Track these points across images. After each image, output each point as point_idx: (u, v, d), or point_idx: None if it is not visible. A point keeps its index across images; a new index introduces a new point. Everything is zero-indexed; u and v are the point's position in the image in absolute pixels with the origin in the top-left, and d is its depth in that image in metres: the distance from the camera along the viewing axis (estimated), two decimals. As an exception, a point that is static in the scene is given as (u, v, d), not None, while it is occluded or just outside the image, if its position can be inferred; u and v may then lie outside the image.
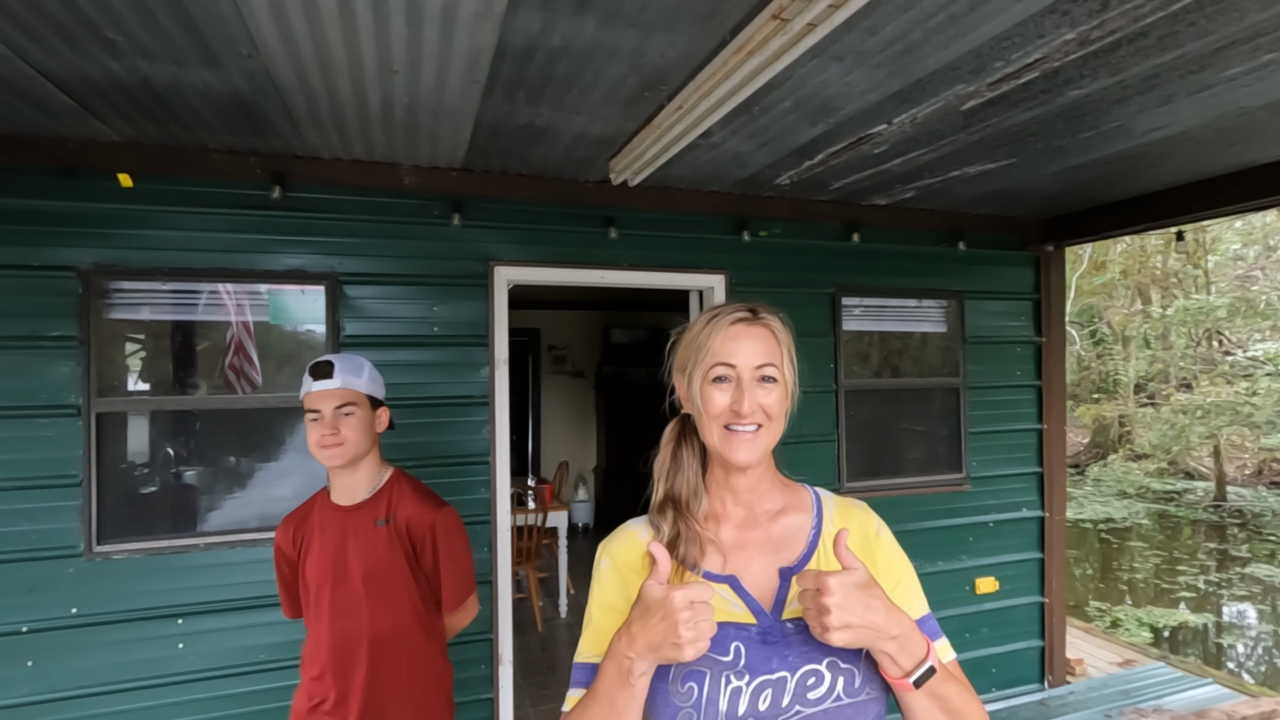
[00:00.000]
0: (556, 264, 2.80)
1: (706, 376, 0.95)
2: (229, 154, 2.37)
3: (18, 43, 1.59)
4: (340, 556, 1.63)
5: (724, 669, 0.87)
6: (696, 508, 0.99)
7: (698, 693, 0.87)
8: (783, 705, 0.86)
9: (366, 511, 1.66)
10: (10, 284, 2.21)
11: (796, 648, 0.88)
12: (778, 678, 0.87)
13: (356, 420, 1.61)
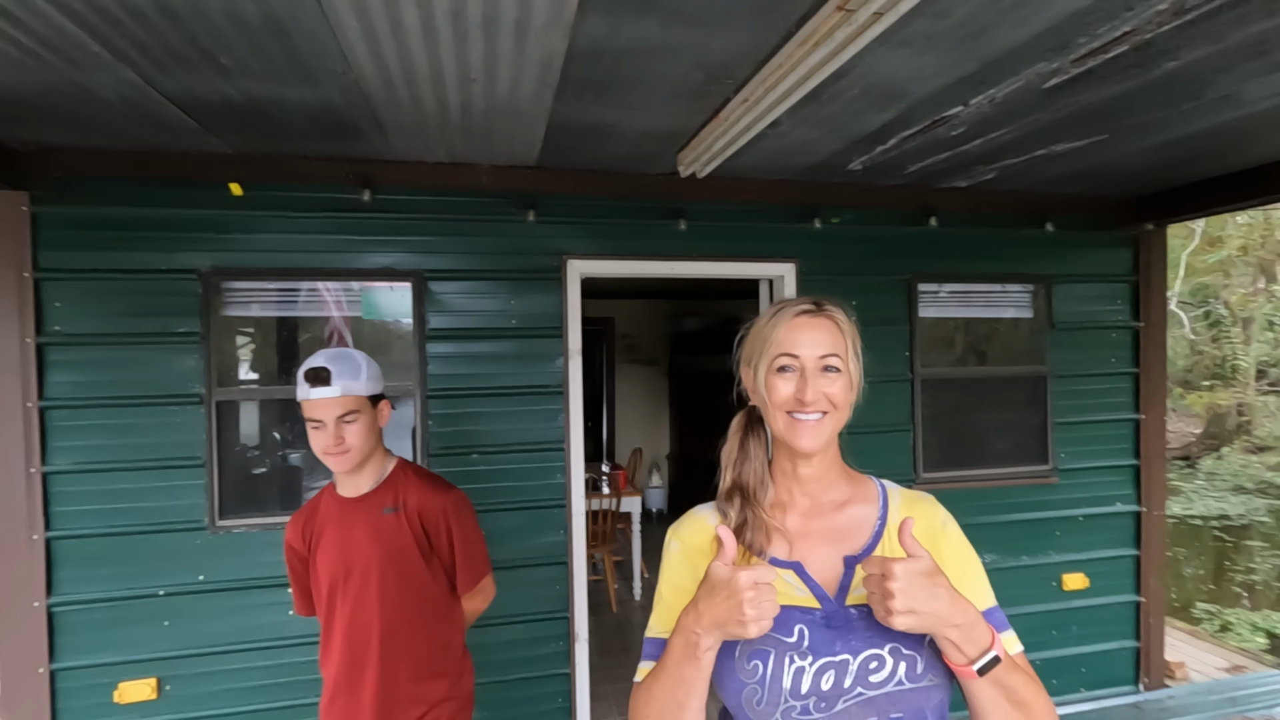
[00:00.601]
0: (626, 256, 2.87)
1: (771, 366, 0.99)
2: (324, 161, 2.56)
3: (147, 72, 1.79)
4: (350, 548, 1.61)
5: (788, 649, 0.91)
6: (763, 496, 1.04)
7: (762, 670, 0.92)
8: (845, 686, 0.90)
9: (374, 501, 1.64)
10: (143, 286, 2.47)
11: (859, 632, 0.91)
12: (840, 660, 0.90)
13: (360, 426, 1.58)
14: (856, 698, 0.89)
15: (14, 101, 1.95)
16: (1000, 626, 0.97)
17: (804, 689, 0.90)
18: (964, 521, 1.05)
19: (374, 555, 1.59)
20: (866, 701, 0.89)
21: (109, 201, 2.44)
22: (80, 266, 2.43)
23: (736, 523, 1.01)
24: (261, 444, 2.70)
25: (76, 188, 2.42)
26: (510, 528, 2.76)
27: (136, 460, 2.47)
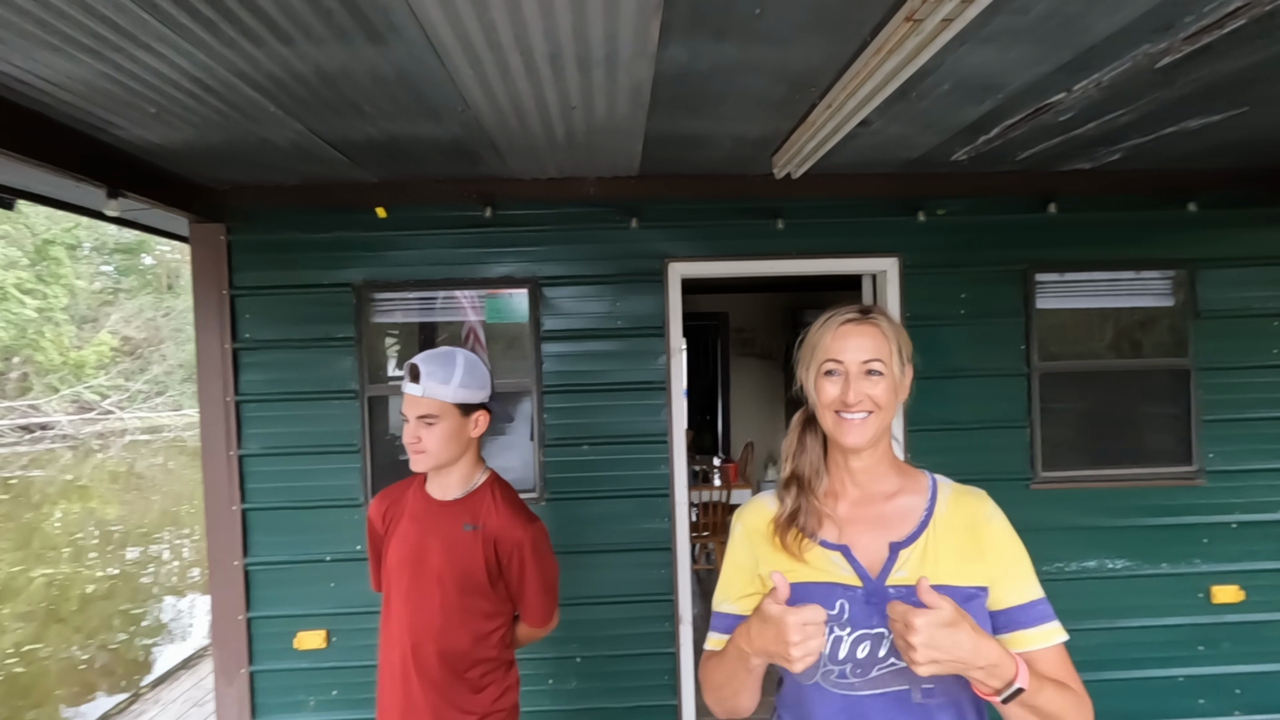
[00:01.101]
0: (725, 257, 2.98)
1: (819, 370, 1.10)
2: (451, 183, 2.88)
3: (310, 122, 2.14)
4: (421, 548, 1.63)
5: (830, 620, 1.02)
6: (818, 485, 1.14)
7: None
8: (879, 656, 1.00)
9: (457, 512, 1.65)
10: (310, 298, 2.92)
11: None
12: (876, 633, 1.00)
13: (439, 431, 1.59)
14: (889, 667, 0.99)
15: (213, 152, 2.40)
16: (1044, 619, 1.03)
17: (841, 655, 1.00)
18: (1091, 524, 1.10)
19: (444, 566, 1.61)
20: (899, 671, 0.99)
21: (283, 228, 2.90)
22: (263, 284, 2.91)
23: (792, 509, 1.13)
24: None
25: (258, 218, 2.90)
26: (618, 513, 2.97)
27: (307, 446, 2.92)
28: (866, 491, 1.13)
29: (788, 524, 1.11)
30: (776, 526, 1.13)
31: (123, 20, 1.46)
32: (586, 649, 2.99)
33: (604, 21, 1.54)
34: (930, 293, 2.99)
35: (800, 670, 0.97)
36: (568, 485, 2.98)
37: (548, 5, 1.47)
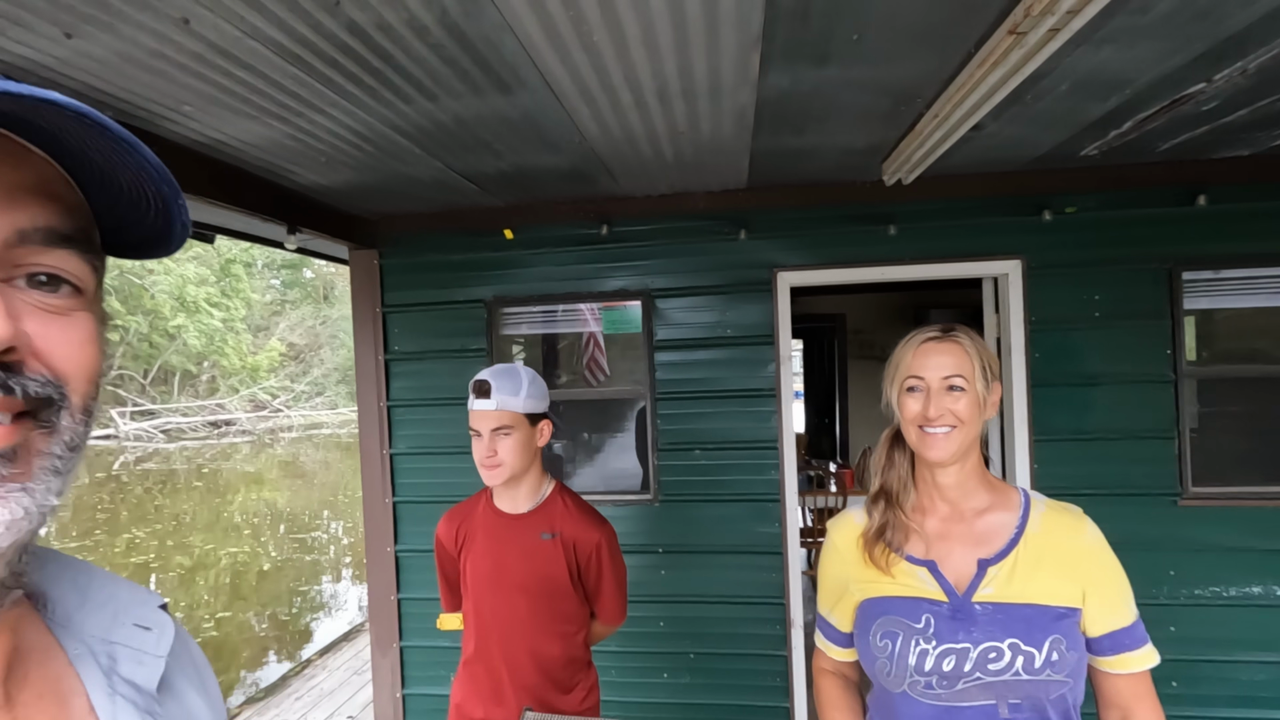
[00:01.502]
0: (835, 265, 2.98)
1: (901, 387, 1.16)
2: (571, 204, 3.10)
3: (447, 160, 2.41)
4: (501, 562, 1.68)
5: (915, 633, 1.08)
6: (905, 500, 1.19)
7: (891, 648, 1.10)
8: (964, 670, 1.04)
9: (532, 523, 1.70)
10: (447, 314, 3.24)
11: (982, 626, 1.05)
12: (961, 647, 1.05)
13: (513, 441, 1.63)
14: (975, 681, 1.03)
15: (368, 189, 2.74)
16: (1139, 642, 1.03)
17: (927, 668, 1.05)
18: (1254, 546, 1.09)
19: (528, 576, 1.67)
20: (985, 685, 1.02)
21: (425, 251, 3.24)
22: (409, 301, 3.27)
23: (879, 523, 1.19)
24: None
25: (405, 243, 3.26)
26: (729, 516, 3.06)
27: (448, 446, 3.24)
28: (956, 507, 1.16)
29: (875, 538, 1.17)
30: (864, 541, 1.18)
31: (304, 92, 1.75)
32: (699, 646, 3.10)
33: (706, 58, 1.65)
34: (1058, 295, 2.84)
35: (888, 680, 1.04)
36: (680, 488, 3.10)
37: (654, 49, 1.60)
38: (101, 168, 0.39)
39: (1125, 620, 1.04)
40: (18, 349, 0.37)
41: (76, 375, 0.40)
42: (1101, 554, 1.07)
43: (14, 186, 0.37)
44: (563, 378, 3.32)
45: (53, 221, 0.38)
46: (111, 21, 1.38)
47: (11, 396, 0.36)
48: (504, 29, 1.47)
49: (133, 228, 0.43)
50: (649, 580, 3.12)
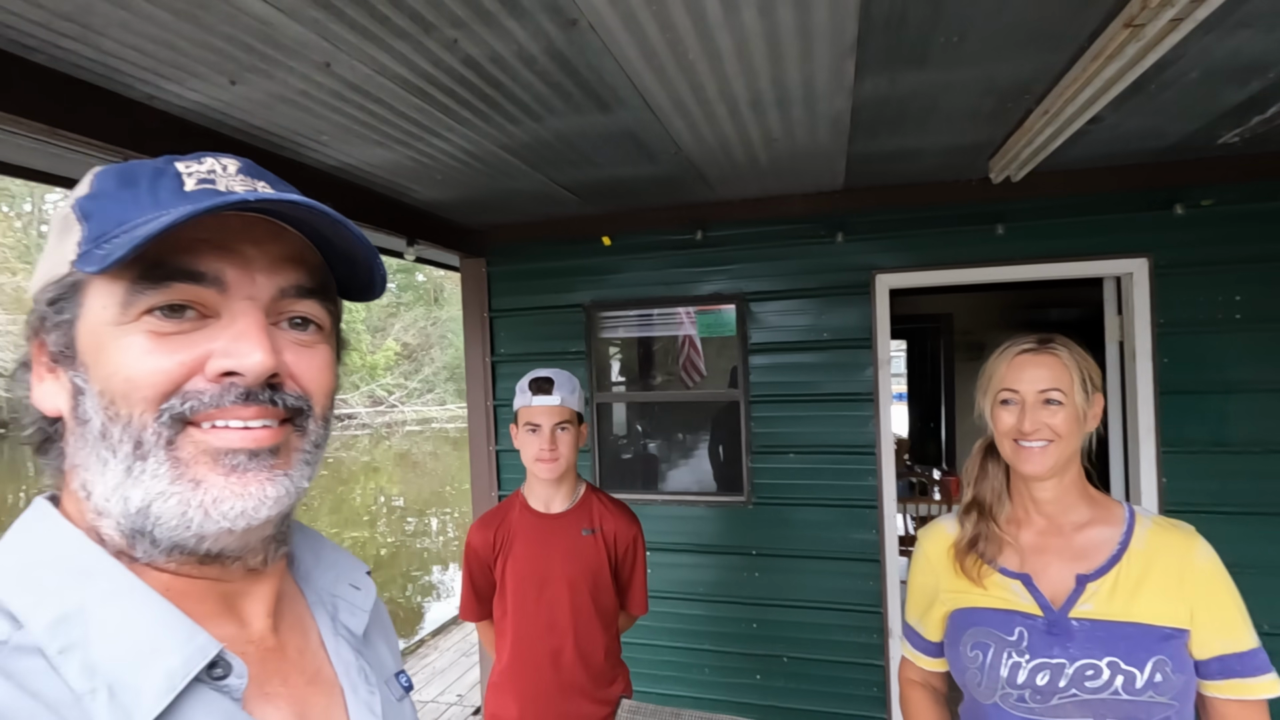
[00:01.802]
0: (938, 266, 2.89)
1: (995, 400, 1.14)
2: (667, 210, 3.17)
3: (550, 173, 2.54)
4: (545, 561, 1.72)
5: (1007, 645, 1.07)
6: (998, 511, 1.18)
7: (982, 659, 1.09)
8: (1059, 685, 1.02)
9: (571, 521, 1.76)
10: (549, 318, 3.40)
11: (1079, 643, 1.03)
12: (1056, 663, 1.03)
13: (569, 436, 1.72)
14: (1071, 698, 1.01)
15: (477, 202, 2.93)
16: (1260, 669, 0.97)
17: (1019, 680, 1.05)
18: None
19: (573, 571, 1.73)
20: (1082, 703, 1.00)
21: (528, 259, 3.42)
22: (513, 307, 3.45)
23: (971, 535, 1.18)
24: (628, 435, 3.46)
25: (510, 251, 3.44)
26: (824, 521, 3.03)
27: (548, 445, 3.40)
28: (1053, 521, 1.13)
29: (966, 549, 1.16)
30: (955, 551, 1.18)
31: (424, 120, 1.92)
32: (793, 650, 3.09)
33: (800, 69, 1.67)
34: (1190, 296, 2.62)
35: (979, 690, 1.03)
36: (774, 491, 3.11)
37: (748, 63, 1.64)
38: (329, 237, 0.52)
39: (1239, 645, 0.99)
40: (279, 374, 0.49)
41: (318, 392, 0.53)
42: (1213, 573, 1.02)
43: (277, 257, 0.50)
44: (658, 379, 3.41)
45: (302, 280, 0.51)
46: (268, 69, 1.57)
47: (276, 408, 0.49)
48: (604, 53, 1.56)
49: (351, 279, 0.56)
50: (741, 581, 3.14)
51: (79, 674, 0.42)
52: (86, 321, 0.47)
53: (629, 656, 3.21)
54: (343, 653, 0.59)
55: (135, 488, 0.46)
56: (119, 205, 0.47)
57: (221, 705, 0.46)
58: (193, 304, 0.47)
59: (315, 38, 1.44)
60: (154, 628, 0.45)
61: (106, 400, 0.46)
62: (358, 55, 1.52)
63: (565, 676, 1.73)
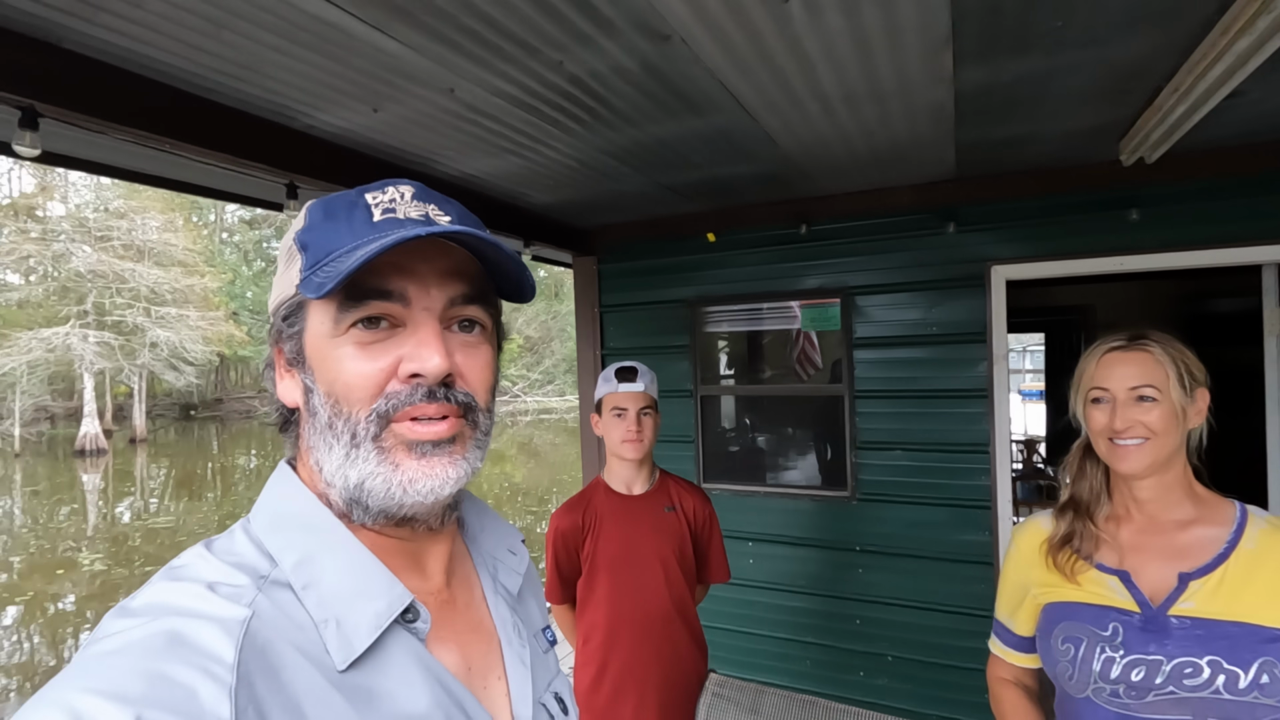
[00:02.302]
0: (1061, 257, 2.72)
1: (1087, 399, 1.13)
2: (770, 206, 3.19)
3: (652, 175, 2.65)
4: (635, 538, 1.86)
5: (1100, 640, 1.07)
6: (1096, 510, 1.17)
7: (1074, 652, 1.09)
8: (1155, 682, 1.01)
9: (653, 501, 1.91)
10: (654, 313, 3.52)
11: (1177, 640, 1.01)
12: (1152, 659, 1.02)
13: (651, 422, 1.88)
14: (1169, 695, 0.99)
15: (586, 204, 3.10)
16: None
17: (1112, 675, 1.04)
18: None
19: (663, 546, 1.87)
20: (1180, 700, 0.98)
21: (635, 256, 3.56)
22: (621, 302, 3.61)
23: (1065, 532, 1.17)
24: (733, 428, 3.52)
25: (618, 249, 3.60)
26: (932, 520, 2.95)
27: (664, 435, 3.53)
28: (1155, 519, 1.11)
29: (1060, 545, 1.15)
30: (1048, 546, 1.17)
31: (534, 132, 2.09)
32: (897, 650, 3.04)
33: (891, 63, 1.67)
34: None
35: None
36: (879, 488, 3.06)
37: (836, 62, 1.66)
38: (484, 252, 0.60)
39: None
40: (453, 374, 0.59)
41: (481, 389, 0.62)
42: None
43: (445, 271, 0.59)
44: (761, 373, 3.44)
45: (466, 289, 0.60)
46: (403, 97, 1.79)
47: (451, 404, 0.58)
48: (694, 62, 1.64)
49: (508, 285, 0.65)
50: (845, 577, 3.13)
51: (316, 606, 0.53)
52: (311, 334, 0.58)
53: (731, 644, 3.31)
54: (500, 609, 0.68)
55: (353, 468, 0.56)
56: (325, 236, 0.57)
57: (410, 643, 0.57)
58: (385, 315, 0.57)
59: (440, 69, 1.63)
60: (365, 576, 0.56)
61: (331, 400, 0.57)
62: (475, 80, 1.70)
63: (670, 641, 1.85)
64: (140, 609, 0.47)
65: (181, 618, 0.46)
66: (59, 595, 8.39)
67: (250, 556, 0.54)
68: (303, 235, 0.59)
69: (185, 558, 0.53)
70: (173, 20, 1.37)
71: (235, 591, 0.50)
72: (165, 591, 0.49)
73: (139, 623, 0.46)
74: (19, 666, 6.41)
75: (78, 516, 12.94)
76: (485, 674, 0.63)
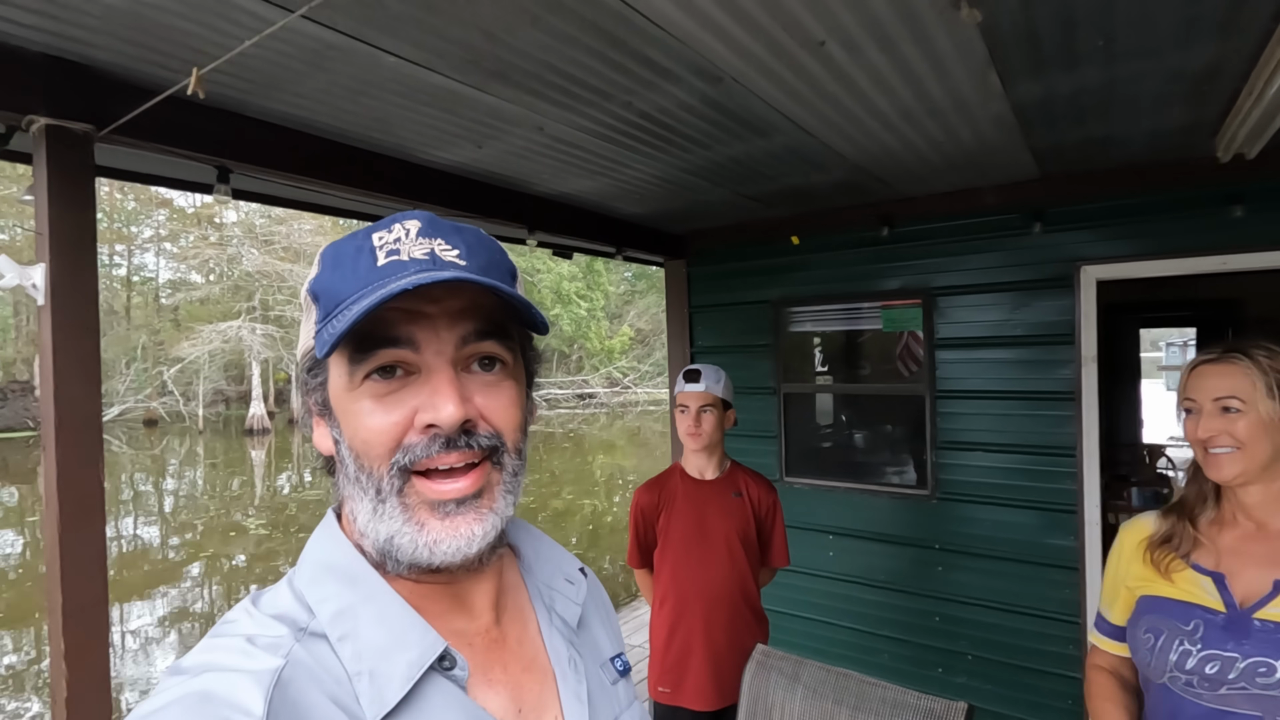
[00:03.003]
0: (1158, 256, 2.63)
1: (1180, 409, 1.21)
2: (853, 210, 3.27)
3: (731, 187, 2.83)
4: (703, 518, 2.08)
5: (1180, 634, 1.13)
6: (1200, 513, 1.21)
7: (1154, 641, 1.16)
8: (1229, 677, 1.07)
9: (723, 486, 2.13)
10: (739, 313, 3.69)
11: (1256, 640, 1.07)
12: (1228, 656, 1.08)
13: (712, 418, 2.08)
14: (1241, 690, 1.05)
15: (673, 213, 3.32)
16: None
17: (1187, 666, 1.10)
18: None
19: (728, 526, 2.09)
20: (1253, 696, 1.04)
21: (722, 260, 3.74)
22: (710, 303, 3.81)
23: (1166, 532, 1.22)
24: (815, 425, 3.63)
25: (706, 253, 3.80)
26: (1014, 523, 2.94)
27: (742, 430, 3.69)
28: (1262, 527, 1.14)
29: (1159, 544, 1.21)
30: (1149, 543, 1.23)
31: (615, 156, 2.34)
32: (978, 649, 3.05)
33: (939, 85, 1.77)
34: None
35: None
36: (960, 488, 3.08)
37: (885, 86, 1.78)
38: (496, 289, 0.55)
39: None
40: (472, 419, 0.55)
41: (507, 428, 0.58)
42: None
43: (454, 310, 0.55)
44: (846, 371, 3.53)
45: (478, 324, 0.56)
46: (501, 135, 2.10)
47: (473, 450, 0.55)
48: (749, 96, 1.82)
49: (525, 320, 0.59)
50: (924, 574, 3.17)
51: (351, 658, 0.52)
52: (333, 385, 0.57)
53: (812, 632, 3.44)
54: (556, 643, 0.65)
55: (381, 523, 0.54)
56: (334, 285, 0.55)
57: (451, 690, 0.54)
58: (398, 363, 0.54)
59: (529, 113, 1.91)
60: (400, 626, 0.54)
61: (355, 453, 0.55)
62: (560, 120, 1.98)
63: (731, 612, 2.07)
64: (188, 667, 0.48)
65: (216, 673, 0.47)
66: (231, 555, 9.73)
67: (291, 608, 0.54)
68: (314, 285, 0.57)
69: (234, 614, 0.54)
70: (326, 92, 1.74)
71: (273, 642, 0.50)
72: (210, 649, 0.50)
73: (181, 680, 0.47)
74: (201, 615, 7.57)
75: (247, 487, 14.84)
76: (539, 713, 0.61)
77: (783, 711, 1.59)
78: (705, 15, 1.39)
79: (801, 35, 1.48)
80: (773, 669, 1.69)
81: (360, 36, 1.44)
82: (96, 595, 1.52)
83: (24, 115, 1.48)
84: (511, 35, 1.45)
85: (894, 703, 1.51)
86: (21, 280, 1.47)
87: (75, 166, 1.54)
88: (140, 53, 1.48)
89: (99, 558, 1.52)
